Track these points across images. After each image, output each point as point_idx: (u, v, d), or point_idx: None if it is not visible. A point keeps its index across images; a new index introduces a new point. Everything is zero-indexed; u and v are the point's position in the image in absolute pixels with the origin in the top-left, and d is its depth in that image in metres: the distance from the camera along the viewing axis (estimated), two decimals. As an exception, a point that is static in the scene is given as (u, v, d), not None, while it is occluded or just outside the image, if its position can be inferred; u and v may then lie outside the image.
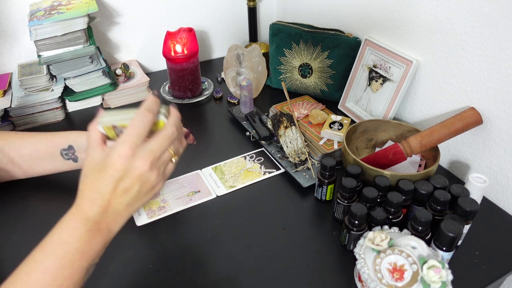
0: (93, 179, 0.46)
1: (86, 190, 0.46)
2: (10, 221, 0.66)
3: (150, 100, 0.48)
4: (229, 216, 0.67)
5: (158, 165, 0.48)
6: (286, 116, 0.81)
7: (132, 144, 0.45)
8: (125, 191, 0.46)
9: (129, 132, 0.46)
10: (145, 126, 0.46)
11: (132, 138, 0.46)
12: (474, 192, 0.59)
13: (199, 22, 1.18)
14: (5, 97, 0.88)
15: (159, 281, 0.57)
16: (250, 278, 0.57)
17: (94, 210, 0.46)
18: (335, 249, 0.61)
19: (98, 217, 0.46)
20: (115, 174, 0.45)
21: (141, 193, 0.48)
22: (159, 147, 0.47)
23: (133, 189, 0.46)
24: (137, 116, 0.47)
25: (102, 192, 0.46)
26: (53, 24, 0.84)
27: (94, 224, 0.45)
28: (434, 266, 0.49)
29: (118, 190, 0.46)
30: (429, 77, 0.77)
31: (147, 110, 0.47)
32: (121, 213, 0.47)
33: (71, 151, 0.64)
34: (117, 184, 0.46)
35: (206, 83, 1.07)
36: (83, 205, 0.46)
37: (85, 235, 0.45)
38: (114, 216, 0.47)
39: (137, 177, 0.46)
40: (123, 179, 0.46)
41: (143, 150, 0.46)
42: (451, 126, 0.67)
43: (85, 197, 0.46)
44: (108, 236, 0.47)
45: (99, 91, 0.95)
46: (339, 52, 0.91)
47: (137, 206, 0.49)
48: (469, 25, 0.67)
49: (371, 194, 0.59)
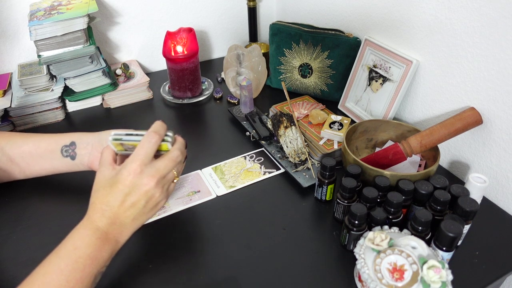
0: (103, 193, 0.52)
1: (97, 202, 0.52)
2: (10, 221, 0.66)
3: (157, 124, 0.55)
4: (229, 216, 0.67)
5: (163, 184, 0.54)
6: (286, 116, 0.81)
7: (140, 162, 0.51)
8: (132, 205, 0.52)
9: (138, 152, 0.52)
10: (152, 146, 0.53)
11: (141, 157, 0.52)
12: (474, 192, 0.59)
13: (199, 22, 1.18)
14: (5, 97, 0.88)
15: (159, 281, 0.57)
16: (250, 278, 0.57)
17: (103, 221, 0.51)
18: (335, 249, 0.61)
19: (107, 227, 0.51)
20: (123, 189, 0.51)
21: (146, 209, 0.53)
22: (165, 167, 0.53)
23: (140, 204, 0.52)
24: (146, 137, 0.53)
25: (111, 205, 0.51)
26: (53, 24, 0.84)
27: (103, 234, 0.50)
28: (434, 266, 0.49)
29: (126, 204, 0.51)
30: (429, 77, 0.77)
31: (154, 132, 0.53)
32: (127, 225, 0.52)
33: (71, 147, 0.64)
34: (125, 198, 0.51)
35: (206, 83, 1.07)
36: (93, 216, 0.51)
37: (96, 243, 0.49)
38: (121, 228, 0.52)
39: (144, 193, 0.52)
40: (131, 194, 0.51)
41: (150, 169, 0.52)
42: (451, 126, 0.67)
43: (96, 209, 0.51)
44: (115, 247, 0.52)
45: (99, 91, 0.95)
46: (339, 52, 0.91)
47: (142, 220, 0.54)
48: (469, 25, 0.67)
49: (371, 194, 0.59)
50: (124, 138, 0.55)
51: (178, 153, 0.55)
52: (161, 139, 0.54)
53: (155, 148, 0.53)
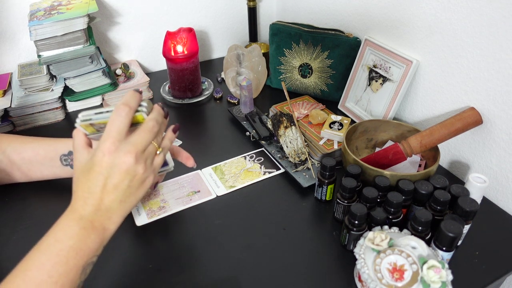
0: (83, 180, 0.47)
1: (79, 191, 0.48)
2: (10, 222, 0.66)
3: (128, 95, 0.49)
4: (229, 216, 0.67)
5: (144, 158, 0.48)
6: (286, 116, 0.81)
7: (113, 139, 0.46)
8: (115, 187, 0.47)
9: (108, 129, 0.47)
10: (123, 120, 0.47)
11: (112, 133, 0.46)
12: (474, 192, 0.59)
13: (199, 22, 1.18)
14: (5, 97, 0.88)
15: (159, 281, 0.57)
16: (250, 278, 0.57)
17: (87, 209, 0.47)
18: (335, 249, 0.61)
19: (91, 215, 0.47)
20: (102, 172, 0.46)
21: (132, 188, 0.48)
22: (141, 140, 0.48)
23: (123, 184, 0.47)
24: (115, 111, 0.47)
25: (93, 191, 0.47)
26: (53, 24, 0.84)
27: (88, 223, 0.46)
28: (434, 266, 0.49)
29: (108, 187, 0.47)
30: (429, 77, 0.77)
31: (123, 105, 0.47)
32: (114, 210, 0.48)
33: (70, 157, 0.64)
34: (106, 181, 0.46)
35: (206, 83, 1.07)
36: (76, 205, 0.47)
37: (79, 233, 0.45)
38: (108, 213, 0.48)
39: (125, 171, 0.47)
40: (110, 175, 0.46)
41: (125, 144, 0.47)
42: (451, 126, 0.67)
43: (78, 198, 0.47)
44: (104, 235, 0.48)
45: (99, 91, 0.95)
46: (339, 52, 0.91)
47: (132, 202, 0.49)
48: (469, 25, 0.67)
49: (371, 194, 0.59)
50: (94, 117, 0.50)
51: (153, 123, 0.49)
52: (132, 111, 0.48)
53: (127, 122, 0.47)
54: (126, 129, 0.47)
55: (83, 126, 0.51)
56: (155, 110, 0.51)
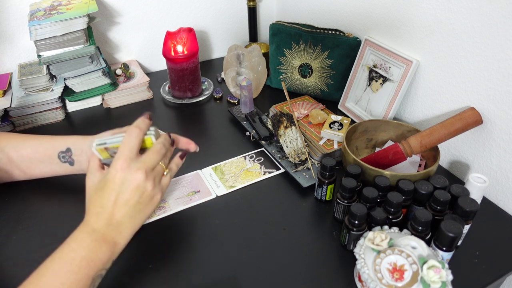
0: (96, 197, 0.52)
1: (91, 207, 0.52)
2: (10, 222, 0.66)
3: (139, 120, 0.55)
4: (229, 216, 0.67)
5: (153, 176, 0.53)
6: (286, 116, 0.81)
7: (126, 157, 0.51)
8: (126, 202, 0.51)
9: (122, 149, 0.52)
10: (135, 140, 0.53)
11: (125, 152, 0.52)
12: (474, 192, 0.59)
13: (199, 22, 1.18)
14: (5, 97, 0.88)
15: (159, 281, 0.57)
16: (250, 278, 0.57)
17: (99, 223, 0.50)
18: (335, 249, 0.61)
19: (103, 229, 0.50)
20: (114, 187, 0.51)
21: (142, 204, 0.53)
22: (150, 159, 0.53)
23: (133, 200, 0.52)
24: (127, 133, 0.53)
25: (105, 206, 0.51)
26: (53, 24, 0.84)
27: (100, 235, 0.50)
28: (434, 266, 0.49)
29: (119, 202, 0.51)
30: (429, 77, 0.77)
31: (134, 127, 0.54)
32: (125, 225, 0.52)
33: (68, 154, 0.64)
34: (117, 196, 0.51)
35: (206, 83, 1.07)
36: (89, 220, 0.51)
37: (91, 245, 0.49)
38: (119, 228, 0.51)
39: (135, 187, 0.51)
40: (122, 191, 0.51)
41: (136, 162, 0.52)
42: (451, 126, 0.67)
43: (91, 213, 0.51)
44: (114, 249, 0.51)
45: (99, 91, 0.95)
46: (339, 52, 0.91)
47: (141, 218, 0.54)
48: (469, 25, 0.67)
49: (371, 194, 0.59)
50: (108, 141, 0.55)
51: (161, 145, 0.55)
52: (142, 133, 0.54)
53: (138, 142, 0.53)
54: (137, 148, 0.53)
55: (99, 151, 0.56)
56: (162, 136, 0.57)
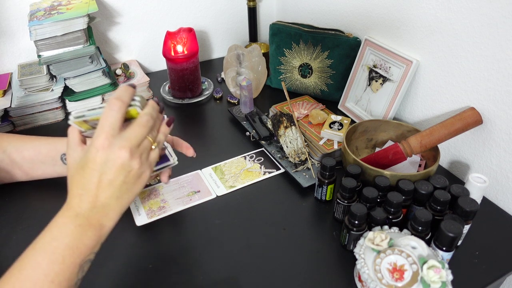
0: (78, 178, 0.47)
1: (73, 188, 0.47)
2: (10, 221, 0.66)
3: (120, 89, 0.48)
4: (229, 216, 0.67)
5: (139, 153, 0.47)
6: (286, 116, 0.81)
7: (106, 134, 0.45)
8: (110, 183, 0.46)
9: (101, 124, 0.46)
10: (116, 115, 0.46)
11: (105, 128, 0.45)
12: (474, 192, 0.59)
13: (199, 22, 1.18)
14: (5, 97, 0.88)
15: (159, 281, 0.57)
16: (250, 278, 0.57)
17: (82, 207, 0.46)
18: (335, 249, 0.61)
19: (87, 212, 0.46)
20: (96, 168, 0.45)
21: (128, 184, 0.47)
22: (135, 134, 0.47)
23: (118, 180, 0.46)
24: (107, 106, 0.46)
25: (88, 188, 0.46)
26: (53, 24, 0.84)
27: (84, 220, 0.45)
28: (434, 266, 0.49)
29: (103, 183, 0.46)
30: (429, 77, 0.77)
31: (115, 99, 0.46)
32: (111, 207, 0.47)
33: None
34: (101, 177, 0.46)
35: (206, 83, 1.07)
36: (71, 203, 0.46)
37: (75, 231, 0.45)
38: (105, 210, 0.47)
39: (120, 167, 0.46)
40: (105, 171, 0.46)
41: (119, 139, 0.46)
42: (451, 126, 0.67)
43: (73, 195, 0.46)
44: (101, 232, 0.47)
45: (99, 91, 0.95)
46: (339, 52, 0.91)
47: (128, 198, 0.49)
48: (469, 25, 0.67)
49: (371, 194, 0.59)
50: (87, 113, 0.49)
51: (148, 117, 0.48)
52: (125, 105, 0.47)
53: (120, 116, 0.46)
54: (119, 123, 0.46)
55: (77, 123, 0.50)
56: (149, 105, 0.50)
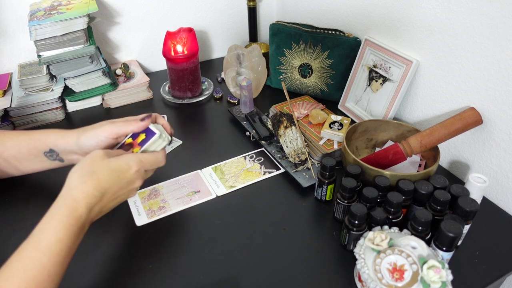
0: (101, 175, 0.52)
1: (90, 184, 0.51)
2: (10, 221, 0.66)
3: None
4: (229, 216, 0.67)
5: (145, 176, 0.59)
6: (286, 116, 0.81)
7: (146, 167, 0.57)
8: (117, 197, 0.54)
9: (150, 159, 0.57)
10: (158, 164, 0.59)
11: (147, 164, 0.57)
12: (474, 192, 0.59)
13: (199, 22, 1.18)
14: (5, 97, 0.88)
15: (159, 281, 0.57)
16: (250, 278, 0.57)
17: (90, 214, 0.50)
18: (335, 249, 0.61)
19: (91, 217, 0.50)
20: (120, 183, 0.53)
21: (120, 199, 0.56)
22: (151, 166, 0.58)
23: (121, 198, 0.55)
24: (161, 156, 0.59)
25: (105, 195, 0.52)
26: (53, 24, 0.84)
27: (85, 222, 0.49)
28: (434, 266, 0.49)
29: (115, 196, 0.54)
30: (429, 77, 0.77)
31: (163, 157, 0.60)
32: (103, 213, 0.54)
33: (54, 153, 0.63)
34: (117, 190, 0.54)
35: (206, 83, 1.07)
36: (80, 201, 0.49)
37: (76, 232, 0.48)
38: (99, 216, 0.53)
39: (131, 190, 0.56)
40: (122, 187, 0.54)
41: (145, 174, 0.58)
42: (451, 126, 0.67)
43: (87, 194, 0.50)
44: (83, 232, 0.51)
45: (99, 91, 0.95)
46: (339, 52, 0.91)
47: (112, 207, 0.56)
48: (469, 25, 0.67)
49: (371, 194, 0.59)
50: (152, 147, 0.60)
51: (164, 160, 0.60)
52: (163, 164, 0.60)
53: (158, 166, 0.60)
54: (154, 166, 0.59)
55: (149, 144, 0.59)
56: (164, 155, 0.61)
